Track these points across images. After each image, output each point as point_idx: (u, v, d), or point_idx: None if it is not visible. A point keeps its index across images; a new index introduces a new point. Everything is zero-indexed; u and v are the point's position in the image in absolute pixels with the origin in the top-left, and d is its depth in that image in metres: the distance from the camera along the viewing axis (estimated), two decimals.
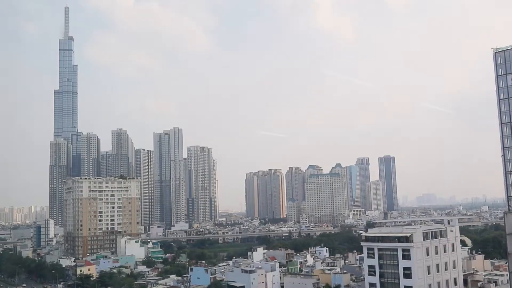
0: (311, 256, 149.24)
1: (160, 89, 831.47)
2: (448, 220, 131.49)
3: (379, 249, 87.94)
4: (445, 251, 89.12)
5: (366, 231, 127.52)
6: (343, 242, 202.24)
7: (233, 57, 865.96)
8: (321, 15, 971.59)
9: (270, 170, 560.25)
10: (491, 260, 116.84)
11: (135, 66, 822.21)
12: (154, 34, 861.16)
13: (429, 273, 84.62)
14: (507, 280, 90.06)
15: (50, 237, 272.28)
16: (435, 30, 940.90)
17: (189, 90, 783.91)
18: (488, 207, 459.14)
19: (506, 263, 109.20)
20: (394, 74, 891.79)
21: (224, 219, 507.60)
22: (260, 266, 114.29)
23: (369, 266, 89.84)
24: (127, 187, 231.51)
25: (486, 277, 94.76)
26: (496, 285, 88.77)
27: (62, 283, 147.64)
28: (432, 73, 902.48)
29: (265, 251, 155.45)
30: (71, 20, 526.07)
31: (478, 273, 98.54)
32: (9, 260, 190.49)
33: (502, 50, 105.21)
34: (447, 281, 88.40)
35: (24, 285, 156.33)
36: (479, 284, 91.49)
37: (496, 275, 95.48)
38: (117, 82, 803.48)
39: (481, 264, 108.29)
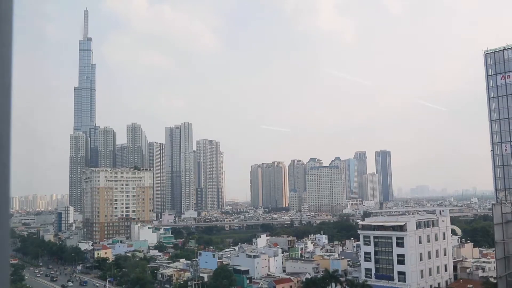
0: (311, 243, 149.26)
1: (171, 86, 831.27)
2: (440, 211, 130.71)
3: (374, 237, 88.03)
4: (436, 240, 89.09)
5: (363, 220, 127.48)
6: (341, 230, 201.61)
7: (239, 56, 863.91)
8: (322, 17, 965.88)
9: (273, 162, 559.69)
10: (479, 248, 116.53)
11: (148, 65, 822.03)
12: (166, 35, 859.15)
13: (421, 259, 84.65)
14: (494, 267, 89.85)
15: (70, 222, 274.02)
16: (430, 32, 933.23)
17: (198, 87, 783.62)
18: (478, 198, 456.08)
19: (493, 251, 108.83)
20: (391, 73, 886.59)
21: (231, 207, 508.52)
22: (263, 252, 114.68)
23: (365, 253, 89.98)
24: (141, 177, 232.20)
25: (474, 264, 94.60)
26: (483, 271, 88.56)
27: (81, 265, 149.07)
28: (427, 72, 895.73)
29: (269, 237, 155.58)
30: (90, 22, 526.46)
31: (467, 260, 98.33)
32: (33, 243, 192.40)
33: (492, 52, 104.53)
34: (438, 267, 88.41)
35: (40, 264, 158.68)
36: (467, 270, 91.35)
37: (484, 262, 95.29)
38: (131, 79, 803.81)
39: (470, 252, 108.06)
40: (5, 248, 1.76)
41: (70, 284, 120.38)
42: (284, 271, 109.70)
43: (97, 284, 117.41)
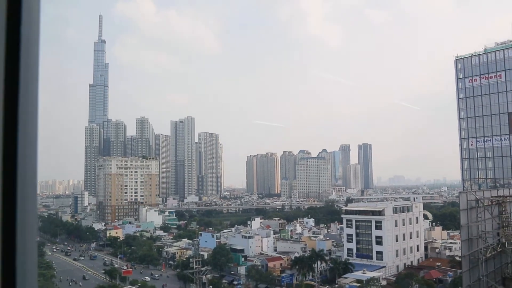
0: (300, 226, 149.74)
1: (176, 84, 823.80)
2: (414, 198, 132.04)
3: (356, 221, 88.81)
4: (410, 223, 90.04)
5: (346, 205, 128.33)
6: (327, 214, 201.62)
7: (238, 58, 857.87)
8: (312, 24, 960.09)
9: (267, 153, 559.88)
10: (447, 231, 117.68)
11: (155, 65, 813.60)
12: (172, 37, 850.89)
13: (396, 240, 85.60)
14: (459, 247, 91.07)
15: (85, 205, 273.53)
16: (408, 39, 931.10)
17: (201, 85, 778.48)
18: (447, 187, 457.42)
19: (459, 233, 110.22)
20: (373, 75, 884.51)
21: (228, 193, 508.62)
22: (257, 233, 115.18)
23: (348, 235, 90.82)
24: (148, 166, 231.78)
25: (443, 244, 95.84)
26: (450, 251, 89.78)
27: (94, 243, 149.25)
28: (405, 75, 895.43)
29: (262, 220, 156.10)
30: (104, 26, 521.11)
31: (436, 241, 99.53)
32: (52, 223, 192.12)
33: (462, 58, 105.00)
34: (411, 247, 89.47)
35: (57, 240, 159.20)
36: (437, 250, 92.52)
37: (451, 243, 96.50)
38: (140, 77, 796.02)
39: (439, 234, 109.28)
40: (33, 229, 1.78)
41: (82, 258, 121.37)
42: (275, 250, 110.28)
43: (105, 259, 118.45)
